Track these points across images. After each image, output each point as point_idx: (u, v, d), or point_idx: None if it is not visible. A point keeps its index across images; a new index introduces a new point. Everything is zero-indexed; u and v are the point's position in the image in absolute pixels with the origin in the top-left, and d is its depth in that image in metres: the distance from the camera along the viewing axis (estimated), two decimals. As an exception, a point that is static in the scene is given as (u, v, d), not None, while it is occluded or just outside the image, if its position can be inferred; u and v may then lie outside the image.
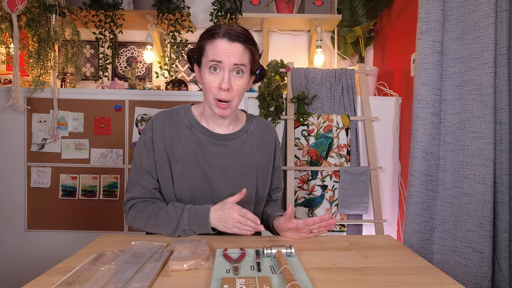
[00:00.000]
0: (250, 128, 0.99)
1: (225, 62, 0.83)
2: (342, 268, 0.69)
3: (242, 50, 0.84)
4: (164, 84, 2.10)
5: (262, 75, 0.97)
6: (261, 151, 0.99)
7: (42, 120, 1.80)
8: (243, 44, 0.85)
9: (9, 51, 1.75)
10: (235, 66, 0.84)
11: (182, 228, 0.83)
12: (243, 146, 0.96)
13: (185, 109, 0.96)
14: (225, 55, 0.83)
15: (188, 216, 0.83)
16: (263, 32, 2.24)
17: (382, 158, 1.87)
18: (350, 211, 1.78)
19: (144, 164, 0.92)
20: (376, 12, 2.08)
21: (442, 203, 1.28)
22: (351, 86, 1.85)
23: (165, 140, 0.92)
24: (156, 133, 0.92)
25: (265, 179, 1.00)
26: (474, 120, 1.18)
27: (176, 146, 0.92)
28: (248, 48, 0.86)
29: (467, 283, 1.18)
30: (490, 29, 1.14)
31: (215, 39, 0.84)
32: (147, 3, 2.08)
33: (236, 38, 0.83)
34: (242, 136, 0.97)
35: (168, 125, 0.93)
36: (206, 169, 0.92)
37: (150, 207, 0.89)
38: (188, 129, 0.93)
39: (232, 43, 0.83)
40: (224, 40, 0.83)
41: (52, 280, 0.61)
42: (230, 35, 0.83)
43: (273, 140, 1.04)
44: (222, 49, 0.83)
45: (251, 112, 1.29)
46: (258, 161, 0.98)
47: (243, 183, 0.94)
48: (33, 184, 1.79)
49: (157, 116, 0.95)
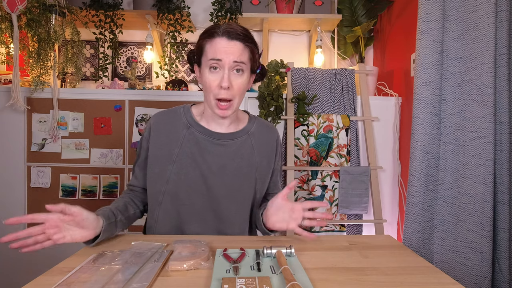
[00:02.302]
0: (252, 129, 0.98)
1: (225, 60, 0.83)
2: (342, 268, 0.69)
3: (241, 48, 0.84)
4: (164, 84, 2.10)
5: (262, 74, 0.97)
6: (261, 153, 0.97)
7: (42, 120, 1.80)
8: (242, 42, 0.84)
9: (9, 51, 1.75)
10: (235, 64, 0.84)
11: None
12: (243, 147, 0.95)
13: (184, 109, 0.96)
14: (224, 53, 0.82)
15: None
16: (263, 32, 2.24)
17: (382, 158, 1.87)
18: (350, 211, 1.78)
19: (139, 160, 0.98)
20: (376, 12, 2.08)
21: (442, 203, 1.28)
22: (351, 86, 1.85)
23: (162, 139, 0.92)
24: (153, 132, 0.93)
25: (263, 181, 0.99)
26: (474, 120, 1.18)
27: (173, 145, 0.92)
28: (247, 46, 0.86)
29: (467, 283, 1.18)
30: (490, 29, 1.14)
31: (214, 38, 0.84)
32: (147, 3, 2.09)
33: (235, 37, 0.83)
34: (242, 137, 0.96)
35: (165, 124, 0.93)
36: (203, 168, 0.91)
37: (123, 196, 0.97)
38: (186, 129, 0.93)
39: (231, 41, 0.83)
40: (223, 38, 0.83)
41: (52, 280, 0.61)
42: (229, 34, 0.83)
43: (275, 142, 1.02)
44: (222, 48, 0.83)
45: (251, 112, 1.28)
46: (258, 162, 0.96)
47: (241, 184, 0.94)
48: (33, 184, 1.79)
49: (155, 116, 0.96)
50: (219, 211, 0.92)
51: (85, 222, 0.73)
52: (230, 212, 0.93)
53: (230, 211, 0.93)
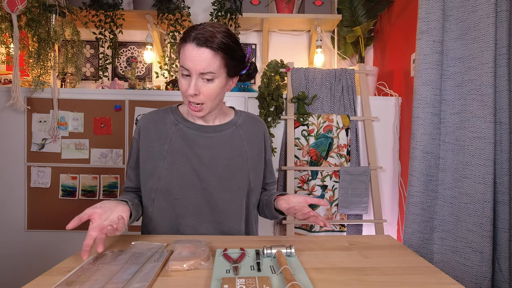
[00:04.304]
0: (239, 121, 1.00)
1: (192, 69, 0.81)
2: (342, 268, 0.69)
3: (209, 56, 0.80)
4: (164, 84, 2.10)
5: (249, 75, 0.95)
6: (251, 143, 0.99)
7: (42, 120, 1.80)
8: (211, 50, 0.80)
9: (9, 51, 1.75)
10: (201, 75, 0.82)
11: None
12: (232, 138, 0.97)
13: (172, 108, 1.00)
14: (191, 62, 0.81)
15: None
16: (263, 32, 2.24)
17: (382, 158, 1.87)
18: (350, 211, 1.78)
19: (130, 161, 1.00)
20: (376, 12, 2.08)
21: (442, 203, 1.28)
22: (351, 86, 1.85)
23: (151, 137, 0.94)
24: (142, 132, 0.96)
25: (256, 171, 1.00)
26: (474, 120, 1.18)
27: (163, 142, 0.94)
28: (218, 53, 0.81)
29: (467, 283, 1.18)
30: (490, 29, 1.14)
31: (185, 43, 0.82)
32: (147, 3, 2.09)
33: (204, 43, 0.79)
34: (230, 128, 0.98)
35: (153, 123, 0.96)
36: (194, 161, 0.92)
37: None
38: (174, 125, 0.95)
39: (199, 48, 0.80)
40: (193, 45, 0.80)
41: (52, 280, 0.61)
42: (198, 40, 0.80)
43: (262, 133, 1.04)
44: (190, 56, 0.81)
45: (251, 112, 1.29)
46: (248, 153, 0.98)
47: (233, 174, 0.95)
48: (33, 184, 1.79)
49: (143, 116, 0.99)
50: (212, 201, 0.93)
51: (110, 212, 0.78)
52: (224, 202, 0.94)
53: (224, 201, 0.94)
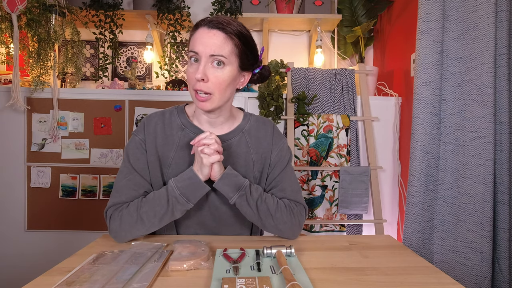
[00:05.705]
0: (246, 126, 0.94)
1: (201, 52, 0.76)
2: (342, 268, 0.69)
3: (221, 38, 0.77)
4: (164, 84, 2.10)
5: (262, 75, 0.92)
6: (258, 150, 0.94)
7: (42, 120, 1.80)
8: (223, 32, 0.76)
9: (9, 51, 1.75)
10: (212, 58, 0.77)
11: (174, 196, 0.79)
12: (239, 147, 0.92)
13: (178, 110, 0.93)
14: (201, 45, 0.76)
15: (175, 181, 0.81)
16: (263, 32, 2.24)
17: (382, 158, 1.87)
18: (350, 211, 1.78)
19: (136, 165, 0.86)
20: (376, 12, 2.08)
21: (442, 203, 1.28)
22: (351, 86, 1.85)
23: (157, 142, 0.88)
24: (148, 135, 0.88)
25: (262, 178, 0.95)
26: (474, 120, 1.18)
27: (168, 148, 0.88)
28: (231, 38, 0.77)
29: (467, 283, 1.18)
30: (490, 29, 1.14)
31: (197, 29, 0.79)
32: (147, 3, 2.09)
33: (216, 25, 0.76)
34: (237, 136, 0.92)
35: (161, 127, 0.89)
36: None
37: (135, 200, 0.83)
38: (180, 130, 0.89)
39: (211, 30, 0.76)
40: (204, 28, 0.77)
41: (52, 280, 0.61)
42: (211, 23, 0.76)
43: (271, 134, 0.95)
44: (200, 38, 0.77)
45: (251, 112, 1.28)
46: (255, 160, 0.93)
47: None
48: (33, 184, 1.79)
49: (149, 118, 0.91)
50: (217, 214, 0.91)
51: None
52: (228, 215, 0.91)
53: (228, 214, 0.91)
